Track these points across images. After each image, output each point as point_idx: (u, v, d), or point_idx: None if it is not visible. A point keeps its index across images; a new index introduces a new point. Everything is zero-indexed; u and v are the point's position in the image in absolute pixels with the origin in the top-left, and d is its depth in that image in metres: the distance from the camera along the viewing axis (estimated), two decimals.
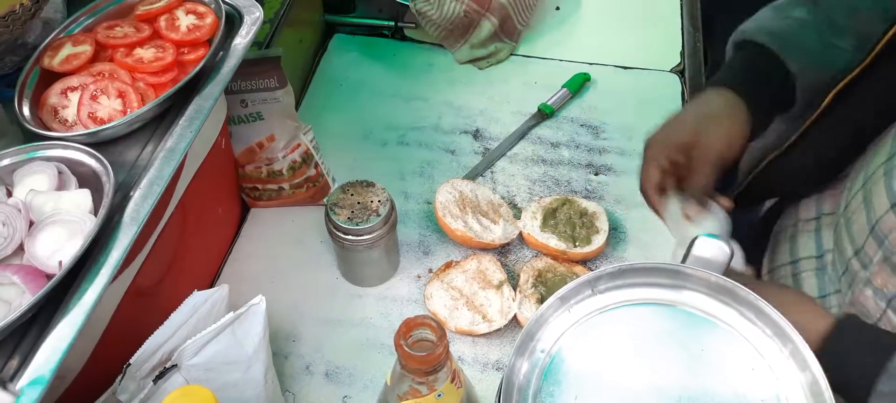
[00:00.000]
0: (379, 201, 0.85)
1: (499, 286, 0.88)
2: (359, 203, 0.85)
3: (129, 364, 0.62)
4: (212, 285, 0.92)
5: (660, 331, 0.58)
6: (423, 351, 0.49)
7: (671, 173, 0.74)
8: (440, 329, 0.49)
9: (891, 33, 0.67)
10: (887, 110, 0.69)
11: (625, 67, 1.19)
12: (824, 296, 0.77)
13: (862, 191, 0.70)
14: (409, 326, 0.49)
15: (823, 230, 0.80)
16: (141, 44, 0.74)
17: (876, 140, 0.71)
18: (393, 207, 0.86)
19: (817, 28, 0.75)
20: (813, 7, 0.76)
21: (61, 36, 0.75)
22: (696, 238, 0.58)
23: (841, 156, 0.76)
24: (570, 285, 0.58)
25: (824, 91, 0.73)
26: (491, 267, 0.90)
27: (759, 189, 0.86)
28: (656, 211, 0.76)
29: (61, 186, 0.63)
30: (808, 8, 0.76)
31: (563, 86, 1.14)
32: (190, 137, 0.68)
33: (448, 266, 0.92)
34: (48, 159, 0.65)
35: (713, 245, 0.59)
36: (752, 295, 0.55)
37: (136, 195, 0.63)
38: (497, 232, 0.93)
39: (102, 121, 0.69)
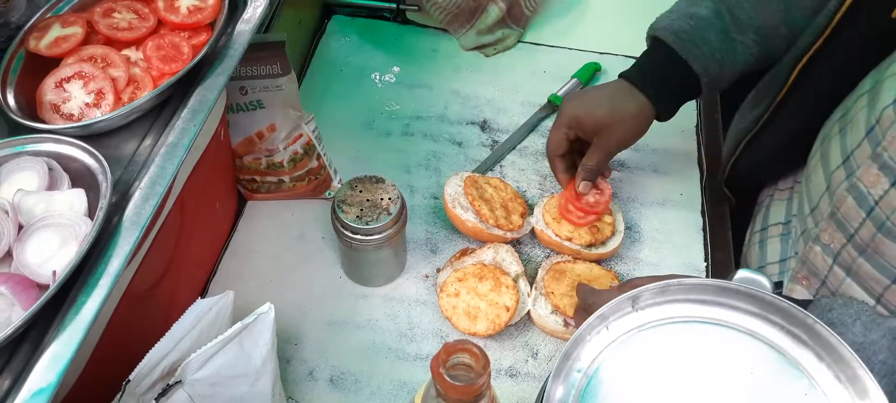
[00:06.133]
0: (389, 198, 0.80)
1: (515, 279, 0.84)
2: (368, 200, 0.80)
3: (129, 381, 0.57)
4: (208, 284, 0.87)
5: (704, 352, 0.54)
6: (462, 380, 0.45)
7: (573, 141, 0.86)
8: (483, 355, 0.45)
9: (838, 17, 0.70)
10: (845, 77, 0.73)
11: (636, 58, 1.15)
12: (784, 260, 0.82)
13: (820, 149, 0.74)
14: (448, 351, 0.45)
15: (794, 197, 0.84)
16: (149, 37, 0.68)
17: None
18: (404, 205, 0.81)
19: (721, 25, 0.80)
20: (718, 2, 0.81)
21: (48, 16, 0.68)
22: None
23: (809, 129, 0.78)
24: (611, 302, 0.55)
25: (786, 71, 0.78)
26: (508, 257, 0.86)
27: (740, 174, 0.91)
28: (552, 168, 0.88)
29: (52, 185, 0.58)
30: (714, 3, 0.81)
31: (573, 76, 1.10)
32: (194, 131, 0.62)
33: (464, 252, 0.87)
34: (36, 154, 0.59)
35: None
36: (809, 317, 0.52)
37: (137, 195, 0.57)
38: (512, 222, 0.88)
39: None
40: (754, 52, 0.81)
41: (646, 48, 0.86)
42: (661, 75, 0.82)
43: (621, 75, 0.85)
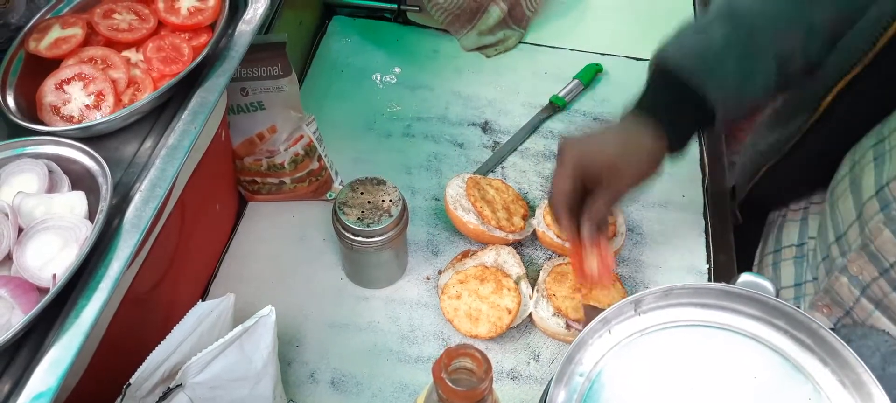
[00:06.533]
0: (390, 200, 0.80)
1: (517, 281, 0.83)
2: (369, 202, 0.79)
3: (130, 384, 0.56)
4: (209, 286, 0.87)
5: (708, 356, 0.54)
6: (464, 384, 0.44)
7: (580, 190, 0.73)
8: (485, 360, 0.45)
9: (883, 41, 0.66)
10: (879, 104, 0.69)
11: (637, 59, 1.15)
12: (799, 284, 0.79)
13: (849, 175, 0.71)
14: (450, 356, 0.44)
15: (809, 219, 0.82)
16: (149, 38, 0.68)
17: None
18: (405, 207, 0.81)
19: (738, 50, 0.71)
20: (732, 27, 0.71)
21: (48, 17, 0.68)
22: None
23: (836, 152, 0.76)
24: (614, 306, 0.55)
25: (819, 94, 0.73)
26: (510, 259, 0.85)
27: (758, 197, 0.88)
28: (558, 222, 0.75)
29: (52, 187, 0.57)
30: (728, 29, 0.71)
31: (574, 78, 1.09)
32: (194, 133, 0.62)
33: (465, 254, 0.87)
34: (36, 156, 0.59)
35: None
36: (813, 321, 0.51)
37: (137, 198, 0.57)
38: (514, 224, 0.88)
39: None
40: (772, 82, 0.72)
41: (648, 78, 0.76)
42: (672, 105, 0.73)
43: (625, 112, 0.75)
